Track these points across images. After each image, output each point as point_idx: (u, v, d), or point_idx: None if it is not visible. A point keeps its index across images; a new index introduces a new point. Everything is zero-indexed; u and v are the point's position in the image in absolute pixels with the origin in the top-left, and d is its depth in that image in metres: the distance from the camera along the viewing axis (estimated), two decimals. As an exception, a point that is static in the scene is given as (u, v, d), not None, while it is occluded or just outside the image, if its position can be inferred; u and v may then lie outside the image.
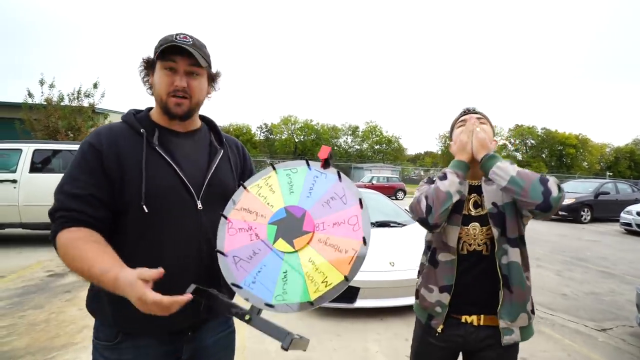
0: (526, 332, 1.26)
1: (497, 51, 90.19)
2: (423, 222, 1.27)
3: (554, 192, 1.10)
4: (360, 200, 0.95)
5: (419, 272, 1.46)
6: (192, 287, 0.89)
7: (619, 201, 12.17)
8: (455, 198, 1.24)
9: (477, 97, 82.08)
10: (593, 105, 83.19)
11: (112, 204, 0.99)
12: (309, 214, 0.96)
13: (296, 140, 46.74)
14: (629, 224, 10.02)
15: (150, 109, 1.15)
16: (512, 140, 50.08)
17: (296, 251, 0.92)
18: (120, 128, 1.05)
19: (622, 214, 10.38)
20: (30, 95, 12.05)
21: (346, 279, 0.87)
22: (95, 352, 1.05)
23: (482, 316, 1.28)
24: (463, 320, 1.30)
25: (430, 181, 1.42)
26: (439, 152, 48.03)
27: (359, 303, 3.37)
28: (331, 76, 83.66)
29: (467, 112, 1.43)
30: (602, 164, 48.46)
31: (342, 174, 1.01)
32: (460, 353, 1.38)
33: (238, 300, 0.95)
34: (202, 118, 1.24)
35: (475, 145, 1.27)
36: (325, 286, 0.88)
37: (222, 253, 0.98)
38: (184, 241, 1.03)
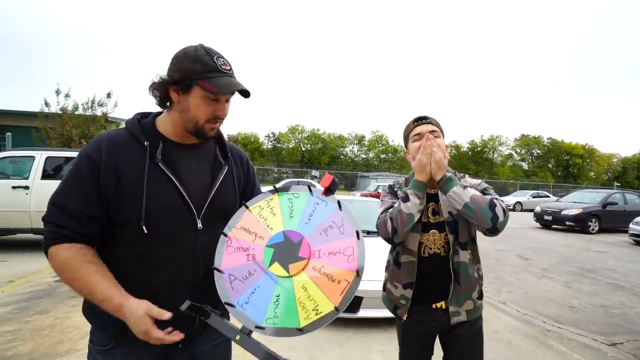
0: (471, 314, 1.46)
1: (502, 60, 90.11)
2: (389, 241, 1.45)
3: (500, 217, 1.29)
4: (357, 232, 0.95)
5: (385, 267, 1.63)
6: (187, 303, 0.90)
7: (627, 212, 11.87)
8: (417, 217, 1.38)
9: (482, 106, 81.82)
10: (600, 115, 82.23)
11: (105, 218, 0.97)
12: (306, 241, 0.96)
13: (303, 149, 46.96)
14: (638, 235, 9.76)
15: (157, 115, 1.09)
16: (518, 150, 49.57)
17: (290, 276, 0.92)
18: (122, 138, 1.01)
19: (631, 225, 10.11)
20: (46, 104, 12.31)
21: (336, 309, 0.87)
22: (90, 355, 1.05)
23: (443, 302, 1.46)
24: (434, 307, 1.47)
25: (392, 191, 1.58)
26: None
27: (362, 313, 3.30)
28: (338, 86, 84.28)
29: (419, 121, 1.50)
30: (609, 174, 47.62)
31: (342, 204, 1.02)
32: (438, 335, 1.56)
33: (232, 319, 0.97)
34: None
35: (434, 168, 1.37)
36: (316, 314, 0.88)
37: (219, 270, 0.98)
38: (181, 259, 1.01)
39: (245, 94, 1.04)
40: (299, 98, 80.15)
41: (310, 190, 1.05)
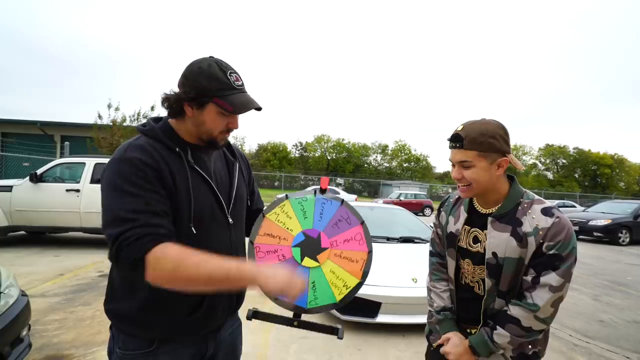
0: None
1: (526, 69, 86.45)
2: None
3: (540, 329, 1.09)
4: (361, 221, 1.18)
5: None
6: (251, 311, 1.06)
7: (661, 224, 10.88)
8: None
9: (506, 115, 78.54)
10: (630, 124, 76.64)
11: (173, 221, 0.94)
12: (324, 234, 1.14)
13: (328, 157, 47.04)
14: (675, 248, 8.88)
15: (167, 119, 1.07)
16: (542, 160, 47.12)
17: (319, 265, 1.10)
18: (155, 144, 0.98)
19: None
20: (99, 117, 13.14)
21: (360, 282, 1.12)
22: None
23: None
24: (468, 330, 1.25)
25: (439, 213, 1.37)
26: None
27: (381, 318, 3.19)
28: (362, 97, 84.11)
29: (450, 143, 1.15)
30: (641, 184, 44.06)
31: (344, 200, 1.20)
32: None
33: (280, 311, 1.12)
34: None
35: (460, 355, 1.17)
36: (346, 289, 1.10)
37: None
38: (222, 255, 1.00)
39: (258, 109, 1.04)
40: (325, 109, 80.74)
41: (315, 193, 1.20)
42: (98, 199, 1.00)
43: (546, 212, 1.08)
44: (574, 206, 21.02)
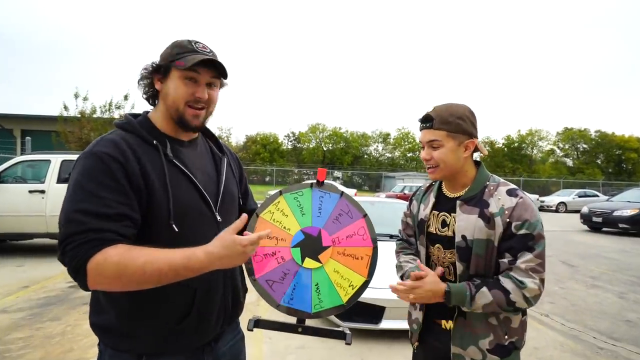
0: None
1: (540, 47, 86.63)
2: None
3: (524, 306, 1.16)
4: (364, 213, 1.20)
5: None
6: (252, 321, 1.09)
7: (692, 213, 11.02)
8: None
9: (519, 98, 78.91)
10: (656, 105, 77.24)
11: (139, 221, 0.96)
12: (324, 231, 1.16)
13: (325, 148, 47.04)
14: None
15: (147, 113, 1.12)
16: (561, 145, 47.44)
17: (322, 265, 1.13)
18: (130, 138, 1.01)
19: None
20: (65, 108, 12.98)
21: (367, 280, 1.15)
22: None
23: (452, 323, 1.28)
24: (444, 327, 1.31)
25: (410, 202, 1.50)
26: (477, 159, 46.26)
27: (385, 324, 3.21)
28: (360, 82, 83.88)
29: (421, 124, 1.28)
30: (670, 170, 44.51)
31: (344, 192, 1.22)
32: None
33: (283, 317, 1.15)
34: None
35: (425, 302, 1.24)
36: (352, 289, 1.14)
37: (254, 280, 1.11)
38: None
39: (221, 70, 1.07)
40: (320, 95, 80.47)
41: (311, 186, 1.20)
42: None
43: (510, 193, 1.22)
44: (597, 195, 21.22)
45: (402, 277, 1.41)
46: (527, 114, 76.49)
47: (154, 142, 1.03)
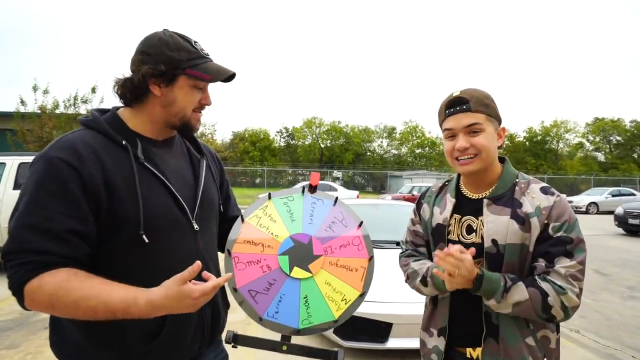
0: None
1: (565, 28, 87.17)
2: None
3: (559, 317, 1.13)
4: (359, 222, 1.25)
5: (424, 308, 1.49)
6: (231, 334, 1.09)
7: None
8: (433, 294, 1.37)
9: (543, 86, 79.37)
10: (696, 91, 77.86)
11: (95, 235, 0.97)
12: (316, 239, 1.18)
13: (322, 145, 47.13)
14: None
15: (117, 110, 1.13)
16: (591, 138, 47.71)
17: (312, 276, 1.14)
18: (95, 138, 1.02)
19: None
20: (22, 103, 12.89)
21: (362, 294, 1.17)
22: None
23: (480, 350, 1.25)
24: (468, 355, 1.29)
25: (419, 207, 1.48)
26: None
27: (392, 343, 3.20)
28: (361, 70, 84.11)
29: (452, 108, 1.22)
30: None
31: (338, 199, 1.28)
32: None
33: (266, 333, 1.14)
34: None
35: (454, 287, 1.20)
36: (345, 303, 1.15)
37: (235, 290, 1.12)
38: (186, 267, 1.05)
39: (232, 77, 1.16)
40: (315, 86, 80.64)
41: (303, 191, 1.25)
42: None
43: (546, 191, 1.20)
44: (633, 194, 21.34)
45: (422, 282, 1.36)
46: (551, 102, 77.01)
47: (123, 142, 1.03)
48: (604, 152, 47.73)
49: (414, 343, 3.18)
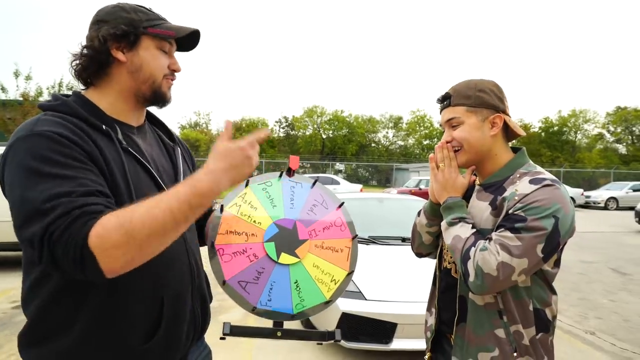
0: None
1: (584, 10, 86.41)
2: (412, 249, 1.62)
3: (471, 276, 1.16)
4: (339, 203, 1.35)
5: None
6: (228, 326, 1.10)
7: None
8: (425, 238, 1.49)
9: (559, 73, 78.94)
10: None
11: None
12: (300, 223, 1.24)
13: (323, 136, 47.06)
14: None
15: (78, 95, 1.07)
16: (611, 128, 47.52)
17: (300, 261, 1.20)
18: (73, 122, 0.97)
19: None
20: (3, 90, 12.90)
21: (350, 273, 1.27)
22: None
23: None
24: (452, 341, 1.37)
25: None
26: (510, 147, 46.32)
27: (397, 344, 3.22)
28: (366, 56, 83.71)
29: (439, 105, 1.40)
30: None
31: (317, 181, 1.35)
32: None
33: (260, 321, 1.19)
34: None
35: (435, 189, 1.37)
36: (335, 284, 1.24)
37: (224, 282, 1.14)
38: (178, 258, 1.12)
39: (195, 39, 1.18)
40: (317, 73, 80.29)
41: (280, 175, 1.31)
42: (4, 203, 0.93)
43: (534, 181, 1.20)
44: (655, 189, 21.28)
45: (418, 214, 1.56)
46: (569, 91, 76.61)
47: (103, 127, 1.02)
48: (625, 144, 47.42)
49: (419, 344, 3.19)
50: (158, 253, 0.90)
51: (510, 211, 1.17)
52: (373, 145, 48.36)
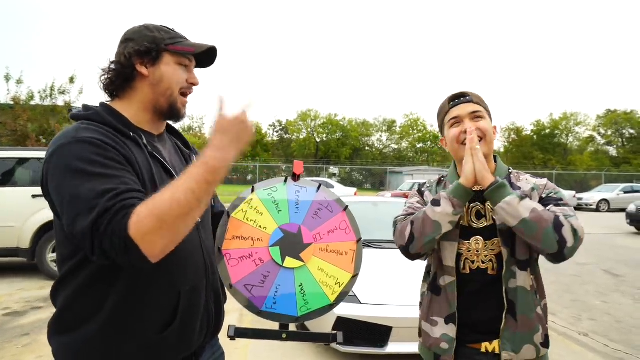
0: None
1: (576, 13, 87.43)
2: (404, 250, 1.45)
3: (569, 241, 1.25)
4: (345, 206, 1.35)
5: (420, 302, 1.59)
6: (233, 327, 1.16)
7: None
8: (446, 229, 1.36)
9: (551, 76, 79.75)
10: None
11: None
12: (304, 228, 1.27)
13: (317, 139, 47.13)
14: None
15: (105, 106, 1.17)
16: (602, 131, 48.04)
17: (305, 264, 1.23)
18: (102, 129, 1.07)
19: None
20: (-6, 94, 12.75)
21: (354, 276, 1.28)
22: None
23: (496, 342, 1.37)
24: (483, 350, 1.38)
25: (420, 192, 1.60)
26: (501, 149, 46.81)
27: (392, 348, 3.22)
28: (359, 60, 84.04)
29: (456, 100, 1.49)
30: None
31: (321, 185, 1.36)
32: None
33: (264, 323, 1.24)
34: None
35: (478, 170, 1.33)
36: (339, 286, 1.25)
37: (231, 286, 1.18)
38: (194, 256, 1.20)
39: (213, 56, 1.28)
40: (311, 77, 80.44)
41: (286, 180, 1.34)
42: (-1, 208, 1.03)
43: (535, 176, 1.50)
44: (645, 191, 21.51)
45: (434, 204, 1.41)
46: (561, 94, 77.44)
47: (131, 134, 1.11)
48: (616, 146, 48.00)
49: (415, 348, 3.21)
50: (188, 232, 0.99)
51: (544, 196, 1.41)
52: (367, 148, 48.55)
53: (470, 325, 1.41)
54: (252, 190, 1.30)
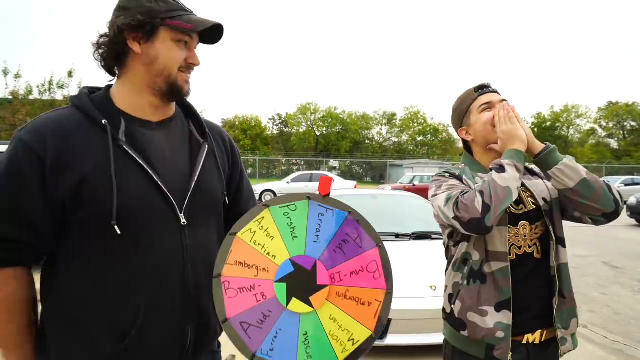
0: (575, 339, 1.42)
1: (577, 6, 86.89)
2: (476, 224, 1.25)
3: (621, 200, 1.31)
4: (379, 243, 1.08)
5: (450, 295, 1.50)
6: (230, 357, 1.09)
7: None
8: (515, 196, 1.29)
9: (552, 68, 79.43)
10: None
11: (50, 232, 0.99)
12: (321, 264, 1.05)
13: (317, 133, 47.07)
14: None
15: (109, 87, 1.12)
16: (603, 123, 47.89)
17: (314, 311, 1.03)
18: (70, 119, 1.01)
19: None
20: (-8, 88, 12.74)
21: (373, 335, 1.04)
22: None
23: (545, 331, 1.38)
24: (524, 340, 1.36)
25: (454, 177, 1.50)
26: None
27: (391, 339, 3.23)
28: (359, 52, 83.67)
29: (484, 89, 1.52)
30: None
31: (353, 210, 1.10)
32: None
33: None
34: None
35: (529, 134, 1.38)
36: (353, 344, 1.03)
37: (225, 321, 1.04)
38: (165, 266, 1.04)
39: (219, 33, 1.15)
40: (310, 70, 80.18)
41: (309, 198, 1.10)
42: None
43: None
44: (647, 183, 21.46)
45: (499, 170, 1.31)
46: (562, 86, 77.21)
47: (103, 121, 1.01)
48: (617, 139, 47.92)
49: (414, 339, 3.23)
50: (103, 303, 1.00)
51: None
52: (367, 141, 48.50)
53: (526, 311, 1.37)
54: (266, 207, 1.10)
